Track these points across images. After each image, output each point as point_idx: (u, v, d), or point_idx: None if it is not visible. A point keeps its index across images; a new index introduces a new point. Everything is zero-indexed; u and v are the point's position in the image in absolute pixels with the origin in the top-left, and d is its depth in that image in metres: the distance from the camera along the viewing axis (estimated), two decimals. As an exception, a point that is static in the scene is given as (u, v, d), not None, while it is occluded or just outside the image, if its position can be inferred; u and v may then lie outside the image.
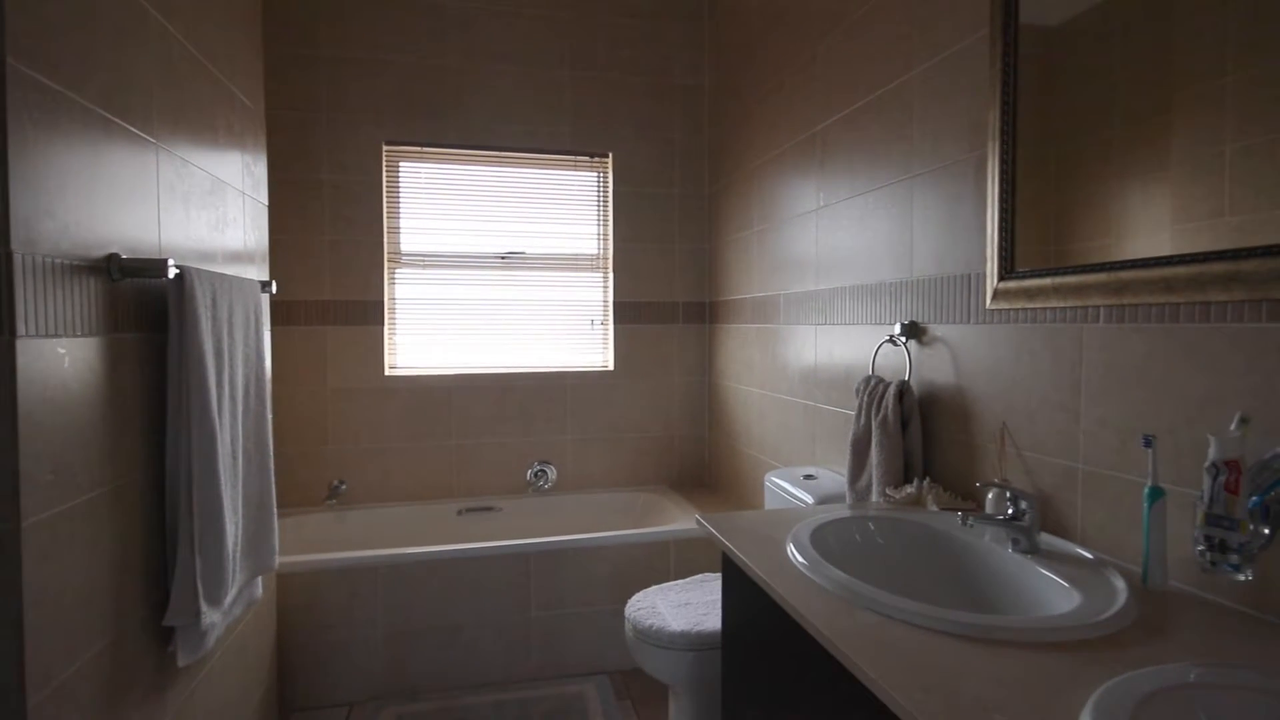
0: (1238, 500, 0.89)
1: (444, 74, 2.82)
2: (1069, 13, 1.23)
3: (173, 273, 1.26)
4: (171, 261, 1.25)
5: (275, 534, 1.69)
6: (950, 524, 1.33)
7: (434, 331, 2.92)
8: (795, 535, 1.26)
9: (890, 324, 1.76)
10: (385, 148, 2.80)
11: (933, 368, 1.61)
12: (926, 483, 1.51)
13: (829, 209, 2.07)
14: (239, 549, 1.50)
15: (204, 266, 1.56)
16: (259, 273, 1.96)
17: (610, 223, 3.04)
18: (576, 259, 3.04)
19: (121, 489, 1.21)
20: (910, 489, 1.51)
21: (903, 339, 1.68)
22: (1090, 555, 1.15)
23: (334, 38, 2.72)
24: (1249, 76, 0.95)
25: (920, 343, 1.65)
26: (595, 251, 3.06)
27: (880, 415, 1.62)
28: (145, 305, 1.30)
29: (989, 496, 1.29)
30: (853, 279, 1.95)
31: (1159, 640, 0.88)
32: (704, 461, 3.18)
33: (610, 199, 3.03)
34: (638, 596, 1.95)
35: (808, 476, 1.99)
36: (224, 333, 1.46)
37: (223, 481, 1.39)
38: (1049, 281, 1.25)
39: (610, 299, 3.06)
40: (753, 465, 2.68)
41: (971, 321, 1.48)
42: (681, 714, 1.83)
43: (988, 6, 1.39)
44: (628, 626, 1.85)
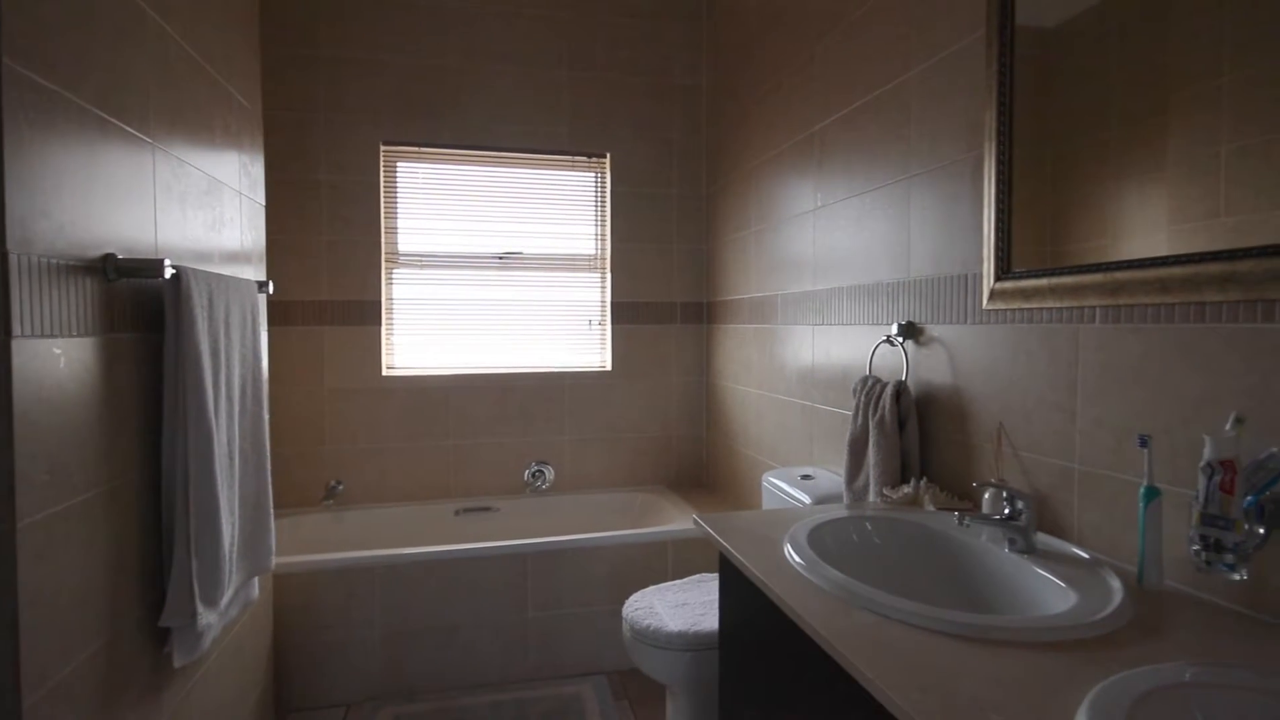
0: (1233, 500, 0.89)
1: (442, 74, 2.82)
2: (1065, 14, 1.23)
3: (169, 273, 1.26)
4: (168, 262, 1.24)
5: (272, 534, 1.69)
6: (947, 524, 1.33)
7: (431, 332, 2.91)
8: (792, 535, 1.26)
9: (887, 324, 1.76)
10: (383, 148, 2.80)
11: (930, 368, 1.61)
12: (923, 483, 1.51)
13: (826, 209, 2.07)
14: (235, 549, 1.50)
15: (200, 267, 1.56)
16: (256, 273, 1.96)
17: (608, 223, 3.04)
18: (574, 259, 3.04)
19: (117, 489, 1.21)
20: (907, 489, 1.51)
21: (900, 339, 1.68)
22: (1086, 555, 1.15)
23: (331, 38, 2.72)
24: (1245, 77, 0.95)
25: (917, 343, 1.65)
26: (593, 252, 3.06)
27: (877, 415, 1.62)
28: (141, 305, 1.30)
29: (986, 496, 1.29)
30: (850, 279, 1.95)
31: (1154, 640, 0.88)
32: (702, 462, 3.18)
33: (608, 199, 3.04)
34: (635, 597, 1.95)
35: (805, 476, 1.99)
36: (220, 333, 1.46)
37: (219, 482, 1.38)
38: (1045, 282, 1.25)
39: (608, 299, 3.06)
40: (750, 465, 2.68)
41: (968, 322, 1.49)
42: (679, 714, 1.83)
43: (984, 7, 1.40)
44: (625, 627, 1.85)
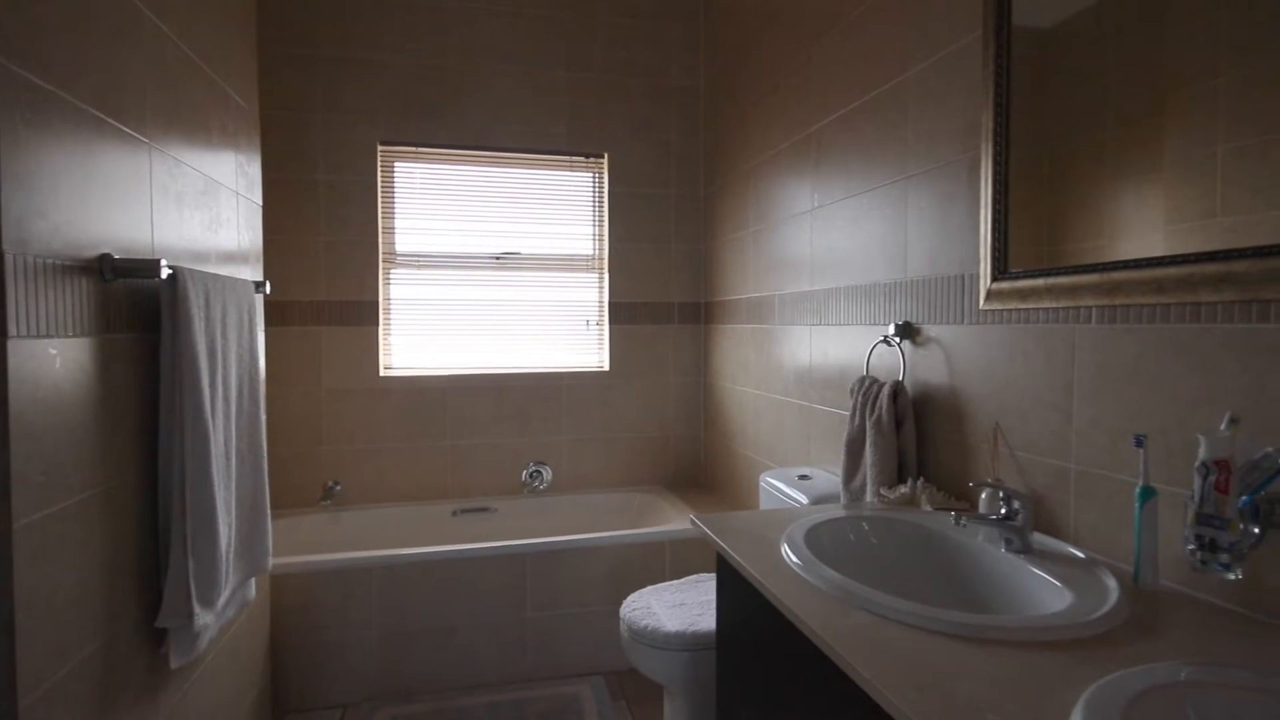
0: (1228, 500, 0.89)
1: (440, 74, 2.82)
2: (1062, 15, 1.23)
3: (165, 273, 1.25)
4: (164, 262, 1.24)
5: (269, 535, 1.69)
6: (944, 524, 1.33)
7: (429, 332, 2.91)
8: (789, 535, 1.26)
9: (885, 324, 1.76)
10: (380, 148, 2.80)
11: (927, 368, 1.62)
12: (920, 483, 1.51)
13: (824, 210, 2.08)
14: (232, 550, 1.49)
15: (197, 267, 1.55)
16: (253, 273, 1.96)
17: (606, 223, 3.04)
18: (572, 259, 3.04)
19: (114, 490, 1.21)
20: (904, 489, 1.51)
21: (897, 339, 1.68)
22: (1082, 555, 1.15)
23: (328, 38, 2.72)
24: (1241, 78, 0.95)
25: (914, 343, 1.66)
26: (591, 252, 3.06)
27: (875, 415, 1.62)
28: (138, 306, 1.29)
29: (982, 496, 1.30)
30: (847, 279, 1.96)
31: (1150, 639, 0.89)
32: (699, 462, 3.19)
33: (606, 199, 3.04)
34: (633, 597, 1.95)
35: (802, 477, 1.99)
36: (217, 333, 1.45)
37: (216, 482, 1.38)
38: (1042, 282, 1.26)
39: (606, 299, 3.06)
40: (748, 465, 2.68)
41: (965, 322, 1.49)
42: (676, 714, 1.83)
43: (981, 8, 1.40)
44: (623, 627, 1.85)
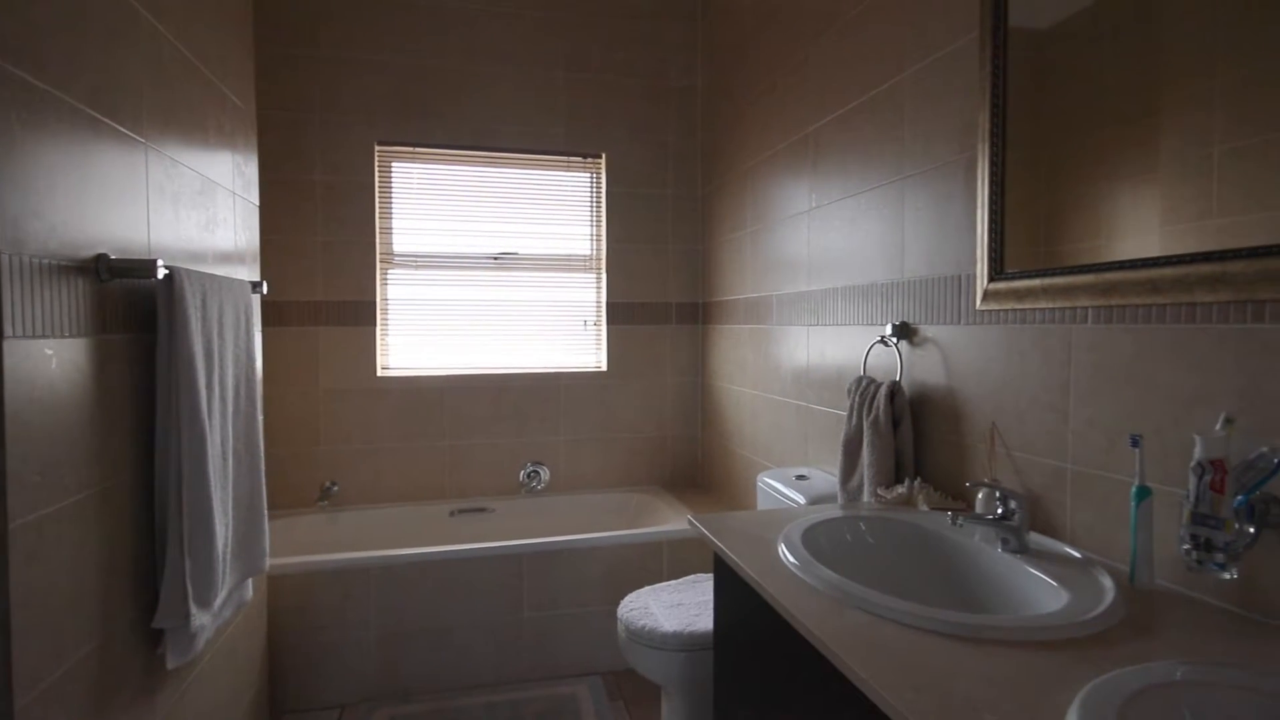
0: (1223, 499, 0.90)
1: (437, 74, 2.82)
2: (1059, 15, 1.24)
3: (162, 273, 1.25)
4: (161, 262, 1.24)
5: (266, 535, 1.68)
6: (940, 524, 1.33)
7: (427, 332, 2.91)
8: (787, 535, 1.26)
9: (882, 325, 1.77)
10: (377, 148, 2.79)
11: (924, 368, 1.62)
12: (917, 483, 1.51)
13: (821, 210, 2.08)
14: (229, 551, 1.49)
15: (194, 267, 1.55)
16: (250, 273, 1.95)
17: (604, 223, 3.04)
18: (570, 260, 3.04)
19: (110, 490, 1.21)
20: (901, 489, 1.51)
21: (894, 339, 1.69)
22: (1078, 554, 1.15)
23: (325, 38, 2.71)
24: (1238, 78, 0.96)
25: (911, 343, 1.66)
26: (588, 252, 3.06)
27: (872, 415, 1.62)
28: (134, 306, 1.29)
29: (979, 496, 1.30)
30: (844, 280, 1.96)
31: (1146, 638, 0.89)
32: (697, 462, 3.19)
33: (604, 200, 3.04)
34: (630, 597, 1.95)
35: (800, 477, 1.99)
36: (214, 333, 1.45)
37: (212, 483, 1.38)
38: (1038, 283, 1.26)
39: (603, 299, 3.06)
40: (745, 466, 2.68)
41: (962, 322, 1.49)
42: (674, 714, 1.83)
43: (978, 9, 1.40)
44: (620, 627, 1.85)
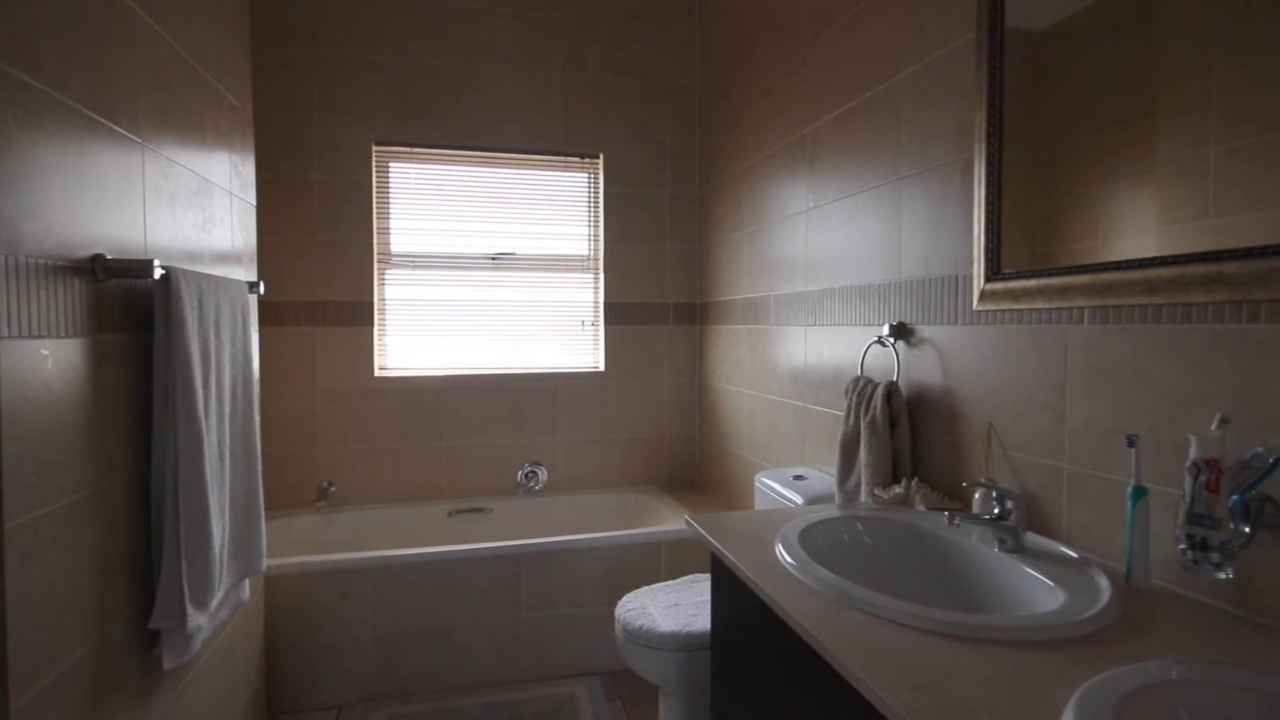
0: (1218, 499, 0.90)
1: (434, 74, 2.82)
2: (1056, 16, 1.24)
3: (158, 273, 1.25)
4: (157, 262, 1.24)
5: (263, 536, 1.68)
6: (937, 524, 1.33)
7: (424, 333, 2.91)
8: (784, 535, 1.26)
9: (879, 325, 1.77)
10: (375, 148, 2.79)
11: (921, 368, 1.62)
12: (914, 483, 1.51)
13: (818, 210, 2.08)
14: (226, 551, 1.49)
15: (191, 267, 1.55)
16: (247, 273, 1.95)
17: (601, 224, 3.04)
18: (567, 260, 3.04)
19: (106, 491, 1.20)
20: (898, 489, 1.51)
21: (891, 340, 1.69)
22: (1075, 554, 1.16)
23: (323, 38, 2.71)
24: (1235, 78, 0.96)
25: (908, 343, 1.66)
26: (586, 252, 3.06)
27: (869, 416, 1.63)
28: (131, 306, 1.29)
29: (976, 496, 1.30)
30: (842, 280, 1.96)
31: (1141, 638, 0.89)
32: (694, 462, 3.19)
33: (601, 200, 3.04)
34: (628, 597, 1.95)
35: (797, 477, 1.99)
36: (210, 334, 1.45)
37: (209, 483, 1.38)
38: (1034, 283, 1.26)
39: (601, 300, 3.06)
40: (743, 466, 2.69)
41: (959, 322, 1.49)
42: (671, 714, 1.83)
43: (975, 9, 1.41)
44: (618, 627, 1.85)
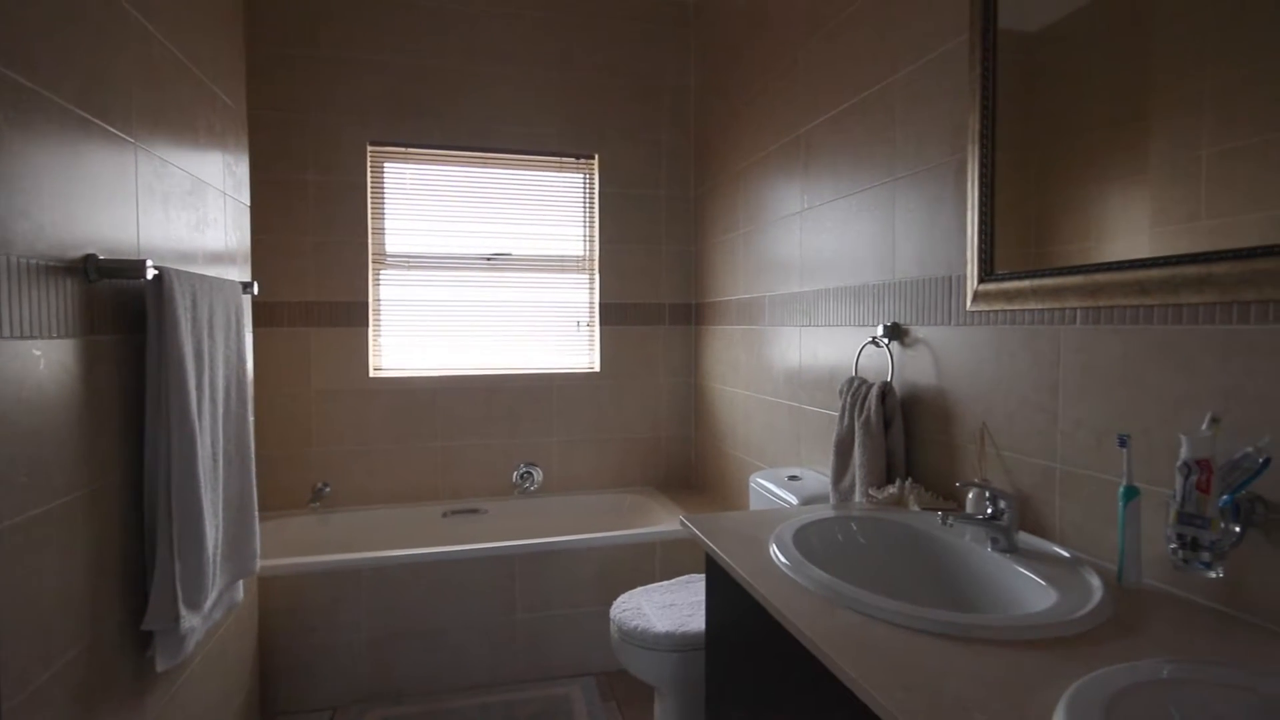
0: (1209, 499, 0.90)
1: (430, 74, 2.81)
2: (1049, 18, 1.25)
3: (151, 274, 1.24)
4: (150, 262, 1.23)
5: (256, 537, 1.68)
6: (931, 524, 1.34)
7: (419, 333, 2.90)
8: (778, 536, 1.27)
9: (873, 325, 1.77)
10: (370, 148, 2.79)
11: (915, 369, 1.63)
12: (908, 483, 1.52)
13: (813, 211, 2.09)
14: (219, 552, 1.49)
15: (184, 267, 1.54)
16: (240, 274, 1.95)
17: (596, 224, 3.04)
18: (563, 260, 3.04)
19: (98, 492, 1.20)
20: (892, 489, 1.52)
21: (885, 340, 1.69)
22: (1067, 554, 1.16)
23: (317, 38, 2.70)
24: (1226, 81, 0.96)
25: (902, 344, 1.67)
26: (581, 253, 3.06)
27: (863, 416, 1.63)
28: (123, 306, 1.29)
29: (969, 496, 1.31)
30: (836, 281, 1.96)
31: (1133, 637, 0.90)
32: (690, 463, 3.19)
33: (596, 200, 3.04)
34: (623, 598, 1.96)
35: (792, 477, 2.00)
36: (204, 334, 1.44)
37: (202, 484, 1.37)
38: (1027, 284, 1.27)
39: (596, 300, 3.06)
40: (738, 466, 2.69)
41: (952, 323, 1.50)
42: (666, 715, 1.84)
43: (968, 11, 1.41)
44: (613, 628, 1.85)
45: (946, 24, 1.50)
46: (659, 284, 3.11)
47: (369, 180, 2.79)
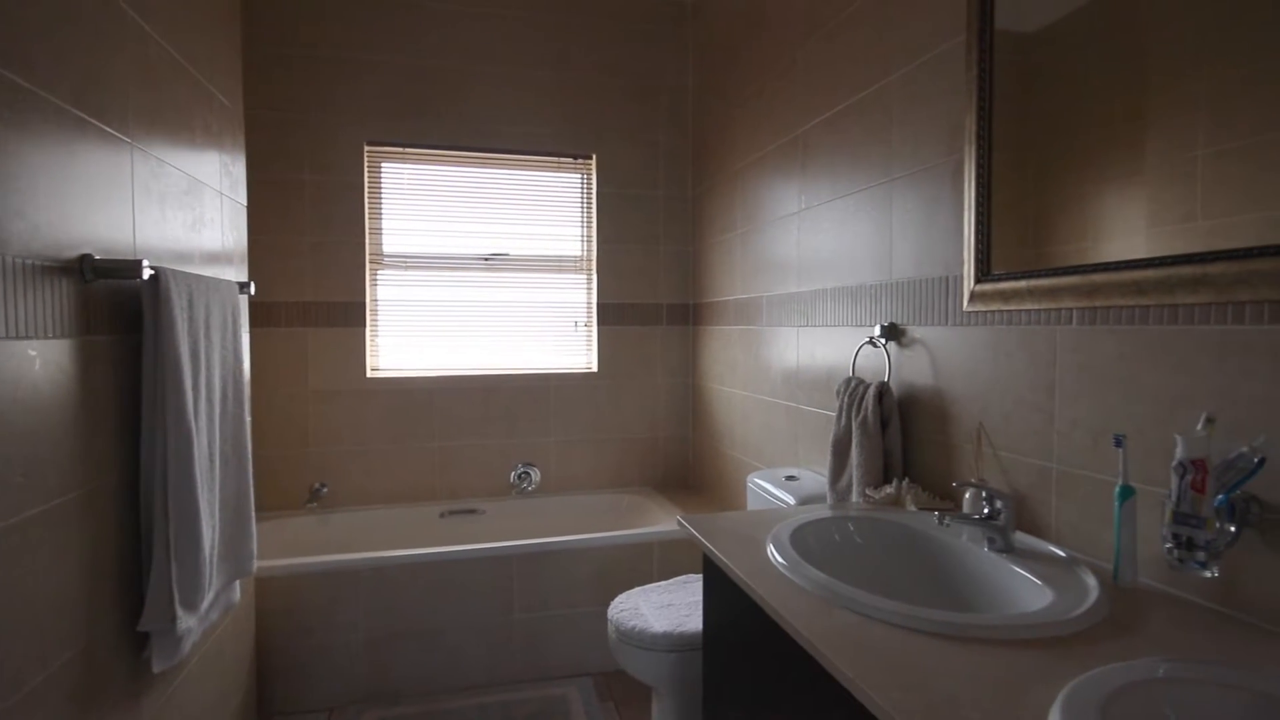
0: (1204, 499, 0.91)
1: (427, 74, 2.81)
2: (1046, 19, 1.25)
3: (147, 274, 1.24)
4: (146, 262, 1.23)
5: (253, 538, 1.67)
6: (928, 524, 1.34)
7: (416, 333, 2.90)
8: (775, 536, 1.27)
9: (870, 326, 1.78)
10: (367, 148, 2.78)
11: (912, 369, 1.63)
12: (905, 483, 1.52)
13: (810, 211, 2.09)
14: (216, 553, 1.48)
15: (180, 267, 1.54)
16: (237, 274, 1.94)
17: (594, 224, 3.04)
18: (560, 260, 3.04)
19: (95, 492, 1.20)
20: (889, 489, 1.52)
21: (882, 340, 1.70)
22: (1063, 553, 1.17)
23: (314, 38, 2.70)
24: (1223, 82, 0.97)
25: (900, 344, 1.67)
26: (579, 253, 3.06)
27: (860, 416, 1.63)
28: (119, 307, 1.28)
29: (966, 496, 1.31)
30: (834, 281, 1.97)
31: (1129, 636, 0.90)
32: (687, 463, 3.19)
33: (594, 200, 3.04)
34: (620, 598, 1.95)
35: (789, 477, 2.00)
36: (200, 334, 1.44)
37: (199, 485, 1.37)
38: (1024, 284, 1.27)
39: (594, 300, 3.06)
40: (736, 466, 2.69)
41: (949, 323, 1.50)
42: (664, 715, 1.84)
43: (965, 12, 1.41)
44: (610, 628, 1.85)
45: (944, 25, 1.50)
46: (656, 284, 3.11)
47: (366, 180, 2.78)
